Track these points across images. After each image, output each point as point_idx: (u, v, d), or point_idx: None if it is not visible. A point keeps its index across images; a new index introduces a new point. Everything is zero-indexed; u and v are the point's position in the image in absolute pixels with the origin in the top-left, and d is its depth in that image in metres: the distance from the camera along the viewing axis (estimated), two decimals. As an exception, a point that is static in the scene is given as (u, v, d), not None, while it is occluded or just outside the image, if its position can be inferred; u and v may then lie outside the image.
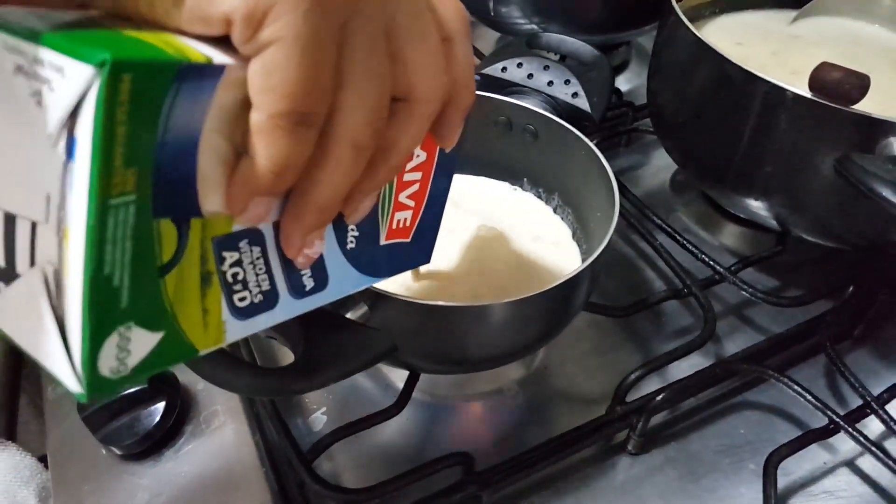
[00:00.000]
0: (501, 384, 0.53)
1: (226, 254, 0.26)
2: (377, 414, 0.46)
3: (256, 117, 0.24)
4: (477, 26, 0.85)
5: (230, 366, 0.31)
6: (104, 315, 0.22)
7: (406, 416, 0.50)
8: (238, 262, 0.27)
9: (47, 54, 0.20)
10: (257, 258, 0.27)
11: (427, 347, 0.41)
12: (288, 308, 0.29)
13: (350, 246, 0.32)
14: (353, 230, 0.32)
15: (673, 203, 0.70)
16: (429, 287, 0.48)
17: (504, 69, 0.58)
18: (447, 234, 0.50)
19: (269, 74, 0.23)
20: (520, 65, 0.58)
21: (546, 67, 0.58)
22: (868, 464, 0.49)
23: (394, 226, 0.35)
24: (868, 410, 0.48)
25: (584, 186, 0.52)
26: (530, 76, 0.58)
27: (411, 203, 0.35)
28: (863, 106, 0.46)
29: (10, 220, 0.23)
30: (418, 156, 0.34)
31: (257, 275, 0.28)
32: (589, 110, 0.56)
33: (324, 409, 0.50)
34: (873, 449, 0.45)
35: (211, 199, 0.25)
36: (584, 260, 0.45)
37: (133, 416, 0.45)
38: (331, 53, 0.24)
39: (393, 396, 0.47)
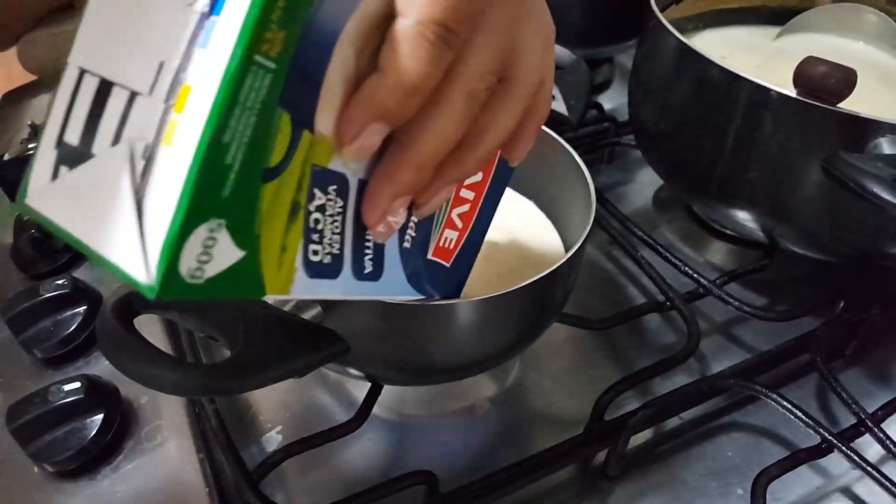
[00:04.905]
0: (472, 402, 0.49)
1: (316, 191, 0.25)
2: (334, 429, 0.42)
3: (403, 23, 0.23)
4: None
5: (155, 360, 0.27)
6: (206, 193, 0.20)
7: (369, 437, 0.46)
8: (322, 209, 0.25)
9: None
10: (338, 213, 0.26)
11: (386, 352, 0.37)
12: (346, 285, 0.28)
13: (406, 245, 0.31)
14: (411, 229, 0.31)
15: (656, 220, 0.67)
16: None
17: (478, 72, 0.56)
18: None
19: None
20: (494, 67, 0.56)
21: (521, 70, 0.55)
22: (864, 488, 0.46)
23: (441, 243, 0.34)
24: (862, 429, 0.45)
25: (561, 194, 0.49)
26: (505, 79, 0.55)
27: (460, 223, 0.35)
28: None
29: (105, 89, 0.21)
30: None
31: (333, 232, 0.26)
32: (566, 114, 0.54)
33: (279, 427, 0.47)
34: (868, 469, 0.42)
35: (326, 115, 0.23)
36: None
37: (67, 429, 0.41)
38: None
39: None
